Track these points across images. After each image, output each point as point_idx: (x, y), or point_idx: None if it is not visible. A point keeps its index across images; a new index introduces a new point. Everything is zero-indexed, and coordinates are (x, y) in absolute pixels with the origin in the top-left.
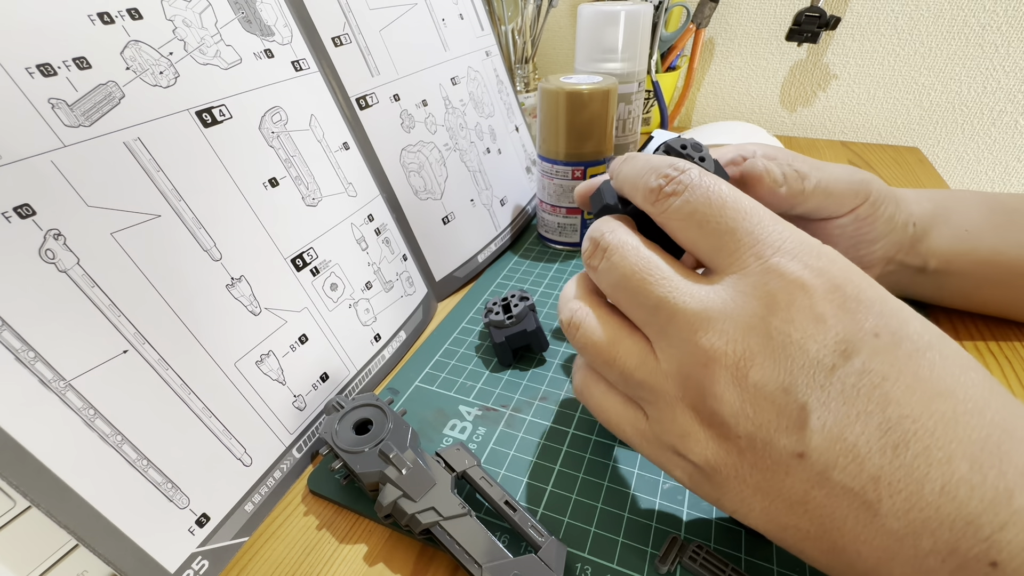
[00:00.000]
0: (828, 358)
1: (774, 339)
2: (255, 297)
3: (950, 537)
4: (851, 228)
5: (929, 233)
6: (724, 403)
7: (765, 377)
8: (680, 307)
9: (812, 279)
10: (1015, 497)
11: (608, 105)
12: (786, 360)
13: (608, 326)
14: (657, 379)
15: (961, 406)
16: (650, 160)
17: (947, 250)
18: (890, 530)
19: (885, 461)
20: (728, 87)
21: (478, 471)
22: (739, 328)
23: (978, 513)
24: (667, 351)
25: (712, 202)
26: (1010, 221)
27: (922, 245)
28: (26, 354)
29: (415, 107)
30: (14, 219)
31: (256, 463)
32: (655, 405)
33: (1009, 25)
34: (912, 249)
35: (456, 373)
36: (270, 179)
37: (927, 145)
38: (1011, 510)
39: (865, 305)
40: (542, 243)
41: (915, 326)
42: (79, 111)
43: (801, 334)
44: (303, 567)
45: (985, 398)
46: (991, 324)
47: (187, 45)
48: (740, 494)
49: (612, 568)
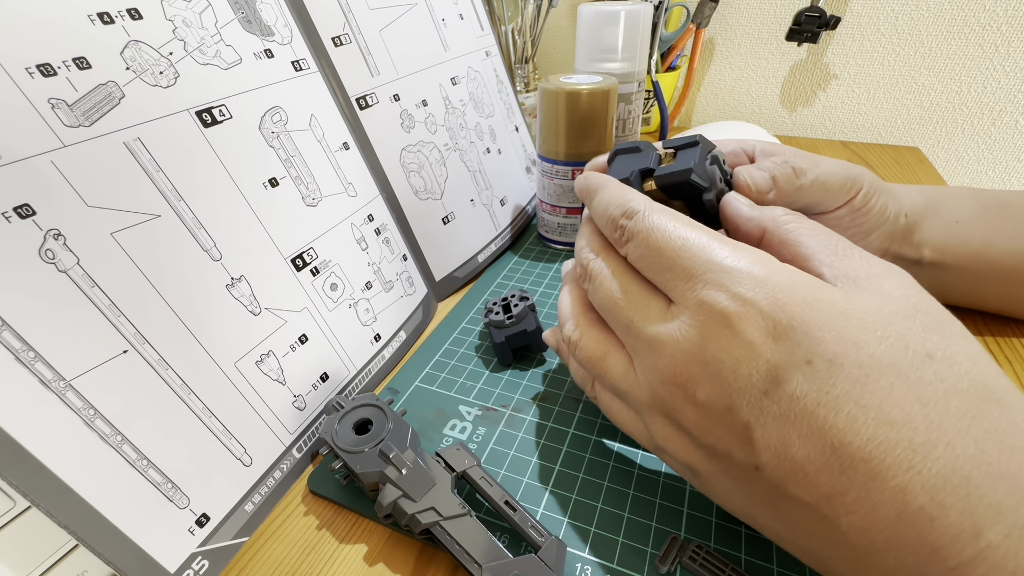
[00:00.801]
0: (760, 382)
1: (710, 364)
2: (255, 297)
3: (915, 562)
4: (846, 220)
5: (920, 225)
6: (686, 417)
7: (710, 398)
8: (643, 332)
9: (739, 308)
10: (983, 535)
11: (608, 105)
12: (722, 383)
13: (598, 342)
14: (636, 391)
15: (920, 436)
16: (607, 205)
17: (939, 242)
18: (853, 545)
19: (835, 481)
20: (728, 87)
21: (478, 471)
22: (683, 354)
23: (941, 545)
24: (640, 367)
25: (652, 245)
26: (1001, 214)
27: (914, 236)
28: (26, 354)
29: (415, 107)
30: (14, 219)
31: (256, 463)
32: (641, 413)
33: (1009, 25)
34: (905, 240)
35: (456, 373)
36: (270, 179)
37: (927, 145)
38: (978, 547)
39: (800, 332)
40: (542, 243)
41: (870, 351)
42: (79, 111)
43: (732, 360)
44: (303, 567)
45: (960, 427)
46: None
47: (187, 45)
48: (721, 493)
49: (612, 568)
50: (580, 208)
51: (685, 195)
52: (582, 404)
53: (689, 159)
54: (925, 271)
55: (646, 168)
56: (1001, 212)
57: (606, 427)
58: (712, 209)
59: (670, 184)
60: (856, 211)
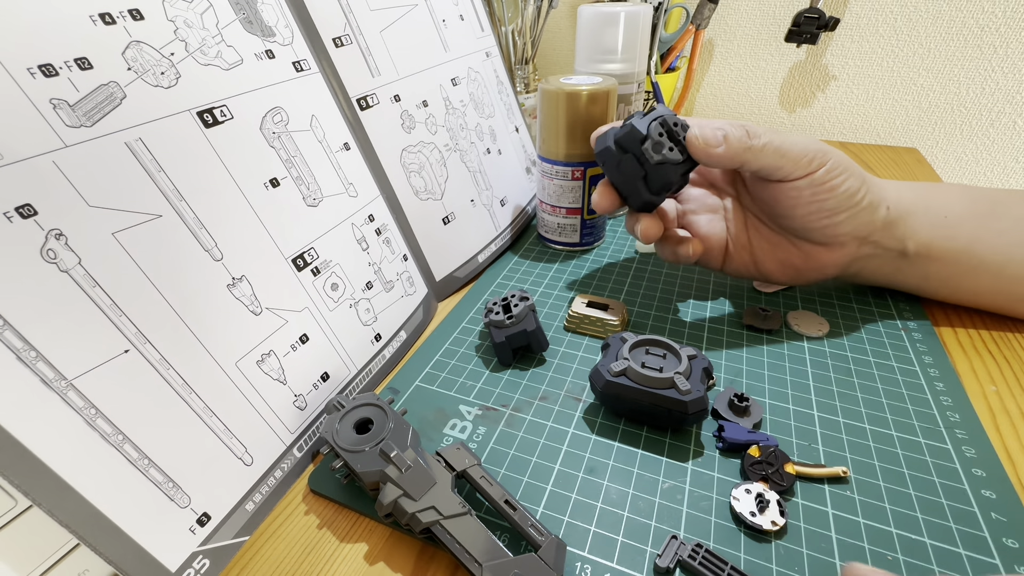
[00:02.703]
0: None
1: None
2: (256, 297)
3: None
4: (808, 192)
5: (906, 218)
6: None
7: None
8: None
9: None
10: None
11: (608, 106)
12: None
13: None
14: None
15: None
16: None
17: (926, 235)
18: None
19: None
20: (727, 88)
21: (478, 470)
22: None
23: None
24: None
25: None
26: (990, 211)
27: (898, 228)
28: (28, 354)
29: (416, 108)
30: (16, 219)
31: (257, 462)
32: None
33: (1007, 26)
34: (887, 231)
35: (456, 373)
36: (271, 179)
37: (926, 146)
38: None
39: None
40: (542, 243)
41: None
42: (80, 111)
43: None
44: (304, 566)
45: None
46: (986, 319)
47: (188, 46)
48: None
49: (612, 568)
50: (580, 208)
51: (629, 147)
52: (582, 404)
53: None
54: (911, 263)
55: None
56: (992, 209)
57: (606, 427)
58: (651, 159)
59: (621, 137)
60: (817, 185)
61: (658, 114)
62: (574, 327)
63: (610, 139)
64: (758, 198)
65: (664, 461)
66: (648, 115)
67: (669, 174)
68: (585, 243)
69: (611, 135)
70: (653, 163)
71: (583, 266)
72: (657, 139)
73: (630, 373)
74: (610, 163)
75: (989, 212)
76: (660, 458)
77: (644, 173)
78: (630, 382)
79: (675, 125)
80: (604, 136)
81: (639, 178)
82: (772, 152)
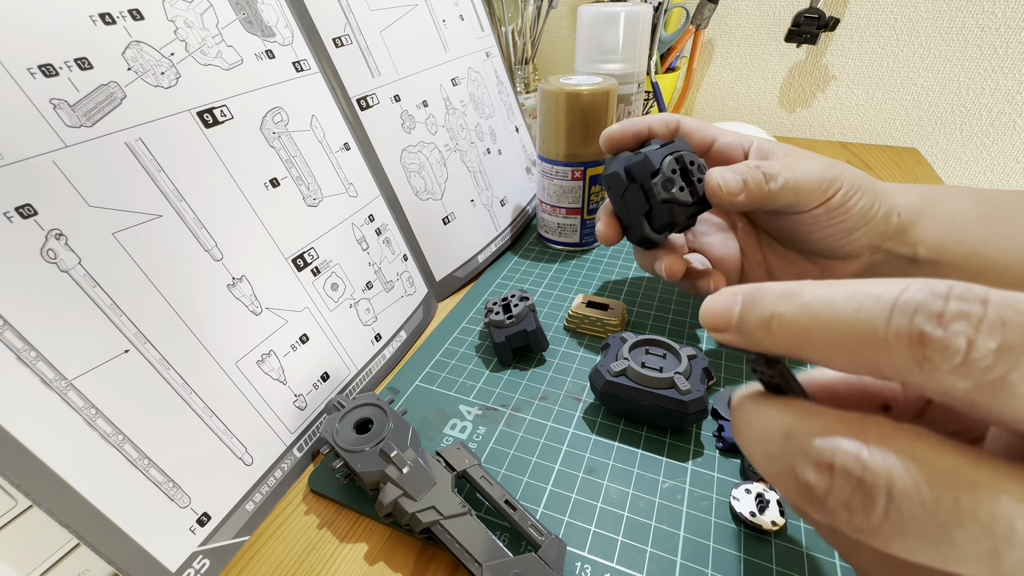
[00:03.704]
0: None
1: None
2: (256, 297)
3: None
4: (824, 218)
5: (915, 223)
6: None
7: None
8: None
9: None
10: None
11: (608, 106)
12: None
13: None
14: None
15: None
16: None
17: (935, 239)
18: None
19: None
20: (727, 88)
21: (478, 470)
22: None
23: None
24: None
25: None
26: (997, 213)
27: (908, 234)
28: (28, 354)
29: (416, 108)
30: (16, 219)
31: (257, 462)
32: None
33: (1007, 27)
34: (898, 238)
35: (456, 373)
36: (271, 179)
37: (925, 146)
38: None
39: None
40: (542, 243)
41: None
42: (81, 111)
43: None
44: (304, 566)
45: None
46: None
47: (188, 46)
48: None
49: (612, 567)
50: (580, 208)
51: (638, 178)
52: (582, 404)
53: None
54: (921, 269)
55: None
56: (998, 211)
57: (606, 427)
58: (658, 196)
59: (631, 166)
60: (833, 210)
61: (676, 148)
62: (574, 327)
63: (620, 164)
64: (772, 226)
65: (664, 461)
66: (666, 147)
67: (675, 215)
68: (585, 243)
69: (622, 160)
70: (659, 200)
71: (583, 266)
72: (669, 176)
73: (630, 373)
74: (615, 190)
75: (995, 215)
76: (660, 458)
77: (648, 208)
78: (630, 382)
79: (691, 164)
80: (615, 160)
81: (642, 212)
82: (788, 191)
